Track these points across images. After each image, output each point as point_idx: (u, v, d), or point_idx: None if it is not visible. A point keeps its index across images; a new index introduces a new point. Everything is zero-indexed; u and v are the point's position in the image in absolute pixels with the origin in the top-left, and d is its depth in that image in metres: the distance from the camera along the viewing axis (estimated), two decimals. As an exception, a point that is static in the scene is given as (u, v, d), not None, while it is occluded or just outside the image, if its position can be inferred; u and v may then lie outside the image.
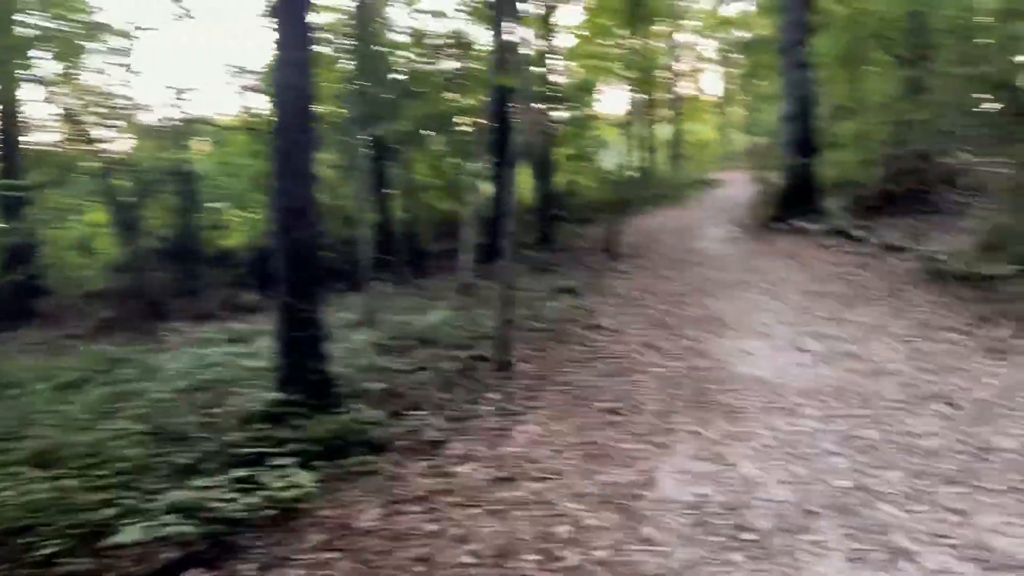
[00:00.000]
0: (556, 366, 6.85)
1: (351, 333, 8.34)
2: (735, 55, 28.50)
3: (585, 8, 20.70)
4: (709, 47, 32.25)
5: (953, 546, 3.38)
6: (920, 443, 4.54)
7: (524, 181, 22.49)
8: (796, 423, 5.03)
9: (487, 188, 16.12)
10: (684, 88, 34.05)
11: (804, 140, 15.19)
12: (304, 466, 4.71)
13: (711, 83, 38.34)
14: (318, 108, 13.35)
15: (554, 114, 22.65)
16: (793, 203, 15.02)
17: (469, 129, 16.46)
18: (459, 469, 4.67)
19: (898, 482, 4.04)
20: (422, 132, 15.87)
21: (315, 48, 13.85)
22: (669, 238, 15.36)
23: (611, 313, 8.90)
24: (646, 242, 14.80)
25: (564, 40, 22.71)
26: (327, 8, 16.76)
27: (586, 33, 21.14)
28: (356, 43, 12.96)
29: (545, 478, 4.42)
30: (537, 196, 17.09)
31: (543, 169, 16.52)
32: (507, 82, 8.58)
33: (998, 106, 8.32)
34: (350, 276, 11.78)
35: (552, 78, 22.08)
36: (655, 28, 26.51)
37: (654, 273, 11.40)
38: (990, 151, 10.91)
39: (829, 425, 4.95)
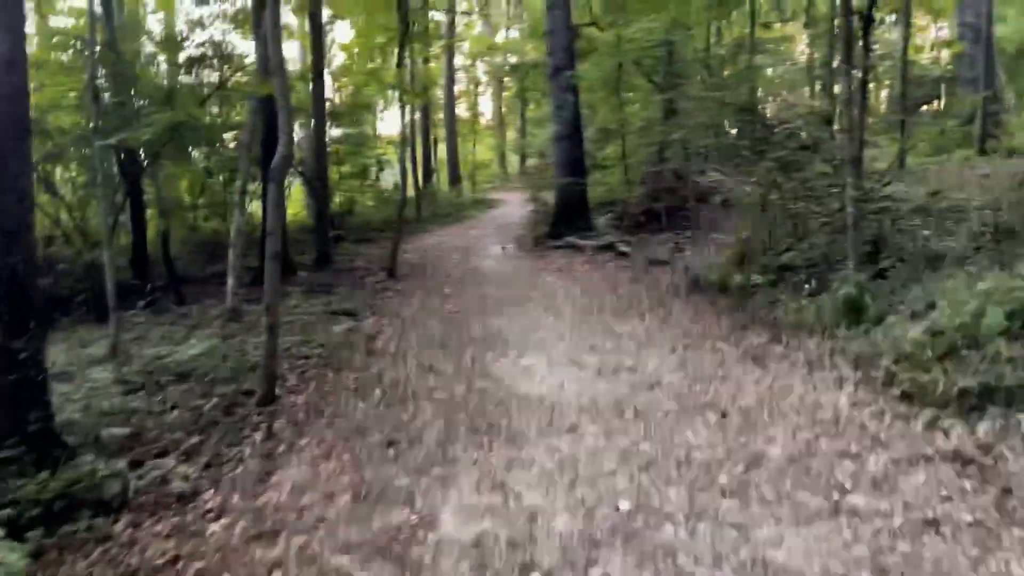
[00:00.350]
0: (329, 397, 6.29)
1: (93, 371, 7.25)
2: (507, 79, 29.21)
3: (354, 26, 20.17)
4: (483, 70, 32.85)
5: (735, 566, 3.27)
6: (696, 455, 4.50)
7: (301, 200, 21.50)
8: (577, 443, 4.85)
9: (257, 207, 15.14)
10: (461, 109, 34.45)
11: (574, 160, 15.65)
12: (15, 536, 3.86)
13: (486, 105, 39.20)
14: (58, 118, 11.88)
15: (332, 131, 21.97)
16: (566, 221, 15.39)
17: (234, 144, 15.41)
18: (210, 526, 4.01)
19: (679, 499, 3.94)
20: (185, 148, 14.63)
21: (63, 55, 12.35)
22: (450, 257, 15.18)
23: (390, 335, 8.45)
24: (428, 261, 14.52)
25: (340, 57, 22.12)
26: (71, 11, 15.09)
27: (357, 51, 20.62)
28: (101, 48, 11.60)
29: (311, 529, 3.89)
30: (314, 215, 16.29)
31: (320, 187, 15.75)
32: (267, 90, 7.92)
33: (740, 129, 8.89)
34: (95, 305, 10.46)
35: (327, 95, 21.40)
36: (431, 50, 26.58)
37: (435, 292, 11.09)
38: (736, 170, 11.73)
39: (610, 442, 4.81)
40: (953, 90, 20.55)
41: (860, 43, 8.87)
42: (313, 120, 15.42)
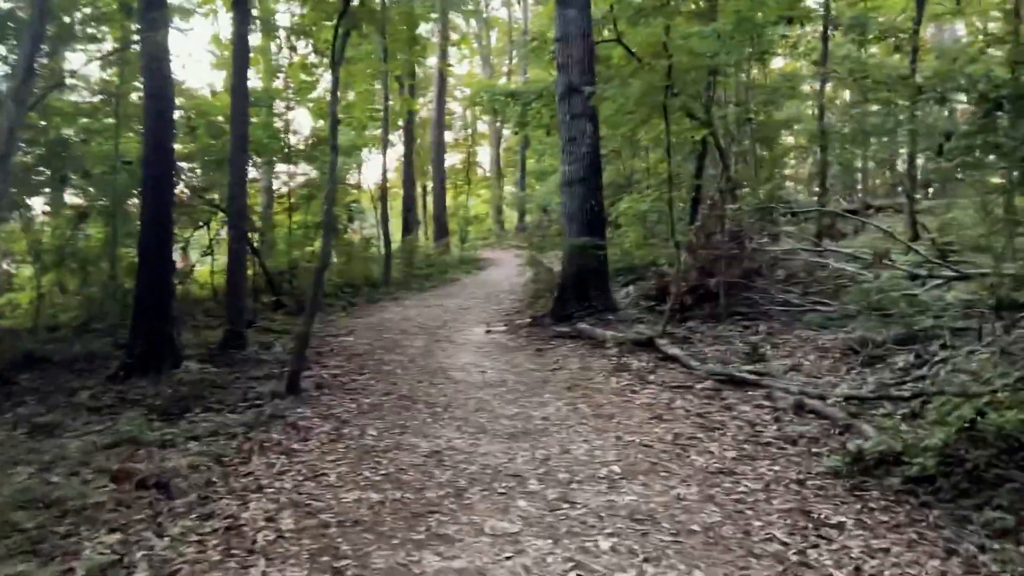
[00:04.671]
0: None
1: None
2: (507, 125, 24.24)
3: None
4: (480, 115, 27.99)
5: None
6: None
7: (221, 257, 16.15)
8: None
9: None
10: (454, 158, 29.58)
11: (591, 212, 10.50)
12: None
13: (484, 156, 34.24)
14: None
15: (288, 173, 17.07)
16: (578, 295, 10.21)
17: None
18: None
19: None
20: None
21: None
22: (411, 341, 9.89)
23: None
24: (373, 353, 9.16)
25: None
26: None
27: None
28: None
29: None
30: (233, 276, 10.76)
31: (236, 237, 10.45)
32: None
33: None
34: None
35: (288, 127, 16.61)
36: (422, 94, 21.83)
37: (351, 430, 5.75)
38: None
39: None
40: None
41: None
42: (231, 146, 10.28)
